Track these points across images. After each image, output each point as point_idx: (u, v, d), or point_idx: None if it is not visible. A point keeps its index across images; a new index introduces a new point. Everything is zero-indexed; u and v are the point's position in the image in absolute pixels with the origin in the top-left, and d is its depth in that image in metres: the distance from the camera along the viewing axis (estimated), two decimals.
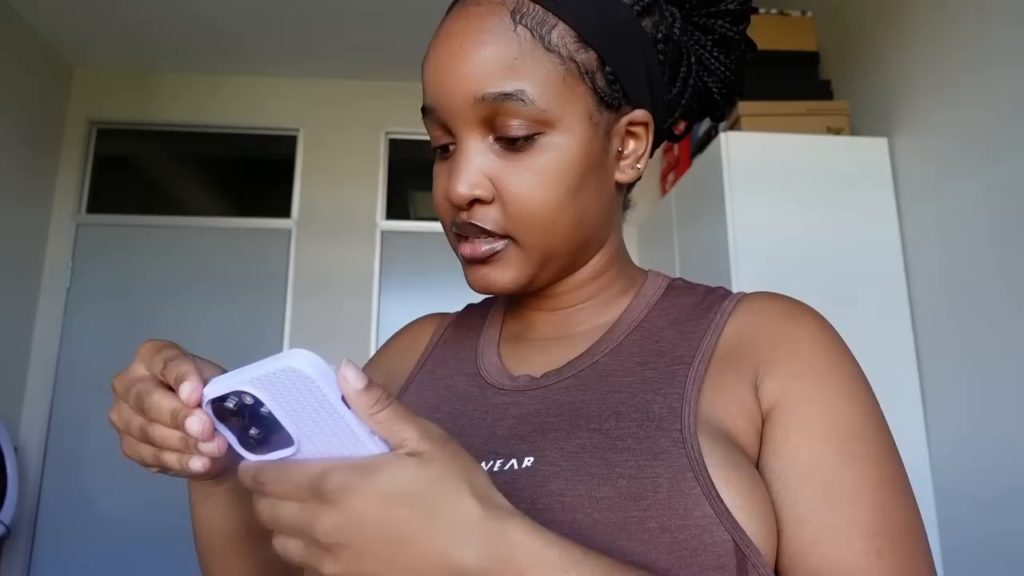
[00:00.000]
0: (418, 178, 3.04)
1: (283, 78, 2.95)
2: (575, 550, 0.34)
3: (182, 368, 0.37)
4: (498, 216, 0.47)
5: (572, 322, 0.55)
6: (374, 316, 2.76)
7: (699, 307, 0.52)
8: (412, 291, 2.83)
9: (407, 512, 0.31)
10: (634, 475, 0.40)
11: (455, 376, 0.56)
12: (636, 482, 0.40)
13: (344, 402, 0.31)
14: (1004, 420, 1.50)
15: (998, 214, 1.53)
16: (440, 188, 0.50)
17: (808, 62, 2.13)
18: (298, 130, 2.93)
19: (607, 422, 0.44)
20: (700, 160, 2.00)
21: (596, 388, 0.48)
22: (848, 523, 0.40)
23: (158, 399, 0.38)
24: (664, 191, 2.52)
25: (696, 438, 0.41)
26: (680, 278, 0.58)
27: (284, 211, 2.88)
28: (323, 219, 2.84)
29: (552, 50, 0.46)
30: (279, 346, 2.71)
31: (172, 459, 0.39)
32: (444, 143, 0.49)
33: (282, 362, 0.30)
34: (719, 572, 0.38)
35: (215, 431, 0.36)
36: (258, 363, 0.31)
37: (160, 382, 0.39)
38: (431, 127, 0.50)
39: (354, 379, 0.31)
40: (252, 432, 0.33)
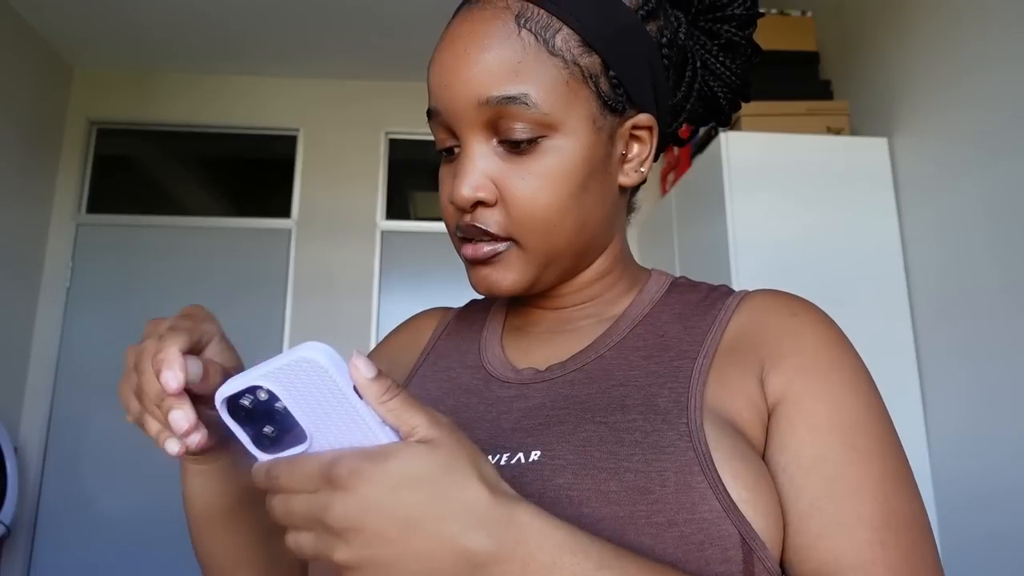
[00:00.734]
0: (418, 178, 3.05)
1: (283, 78, 2.95)
2: (581, 534, 0.34)
3: (169, 352, 0.38)
4: (501, 218, 0.47)
5: (575, 318, 0.55)
6: (374, 316, 2.77)
7: (703, 303, 0.52)
8: (412, 291, 2.83)
9: (418, 496, 0.31)
10: (641, 469, 0.41)
11: (458, 368, 0.57)
12: (643, 476, 0.40)
13: (356, 392, 0.32)
14: (1004, 419, 1.50)
15: (998, 214, 1.53)
16: (445, 191, 0.50)
17: (808, 62, 2.13)
18: (298, 130, 2.93)
19: (613, 415, 0.45)
20: (700, 160, 2.00)
21: (601, 381, 0.48)
22: (853, 516, 0.40)
23: (148, 379, 0.40)
24: (664, 191, 2.52)
25: (702, 431, 0.42)
26: (683, 276, 0.58)
27: (284, 211, 2.88)
28: (323, 219, 2.84)
29: (556, 54, 0.46)
30: (279, 346, 2.71)
31: (153, 430, 0.42)
32: (449, 146, 0.49)
33: (296, 354, 0.31)
34: (726, 565, 0.38)
35: (199, 422, 0.37)
36: (272, 359, 0.32)
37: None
38: (436, 130, 0.50)
39: (365, 368, 0.32)
40: (266, 430, 0.34)
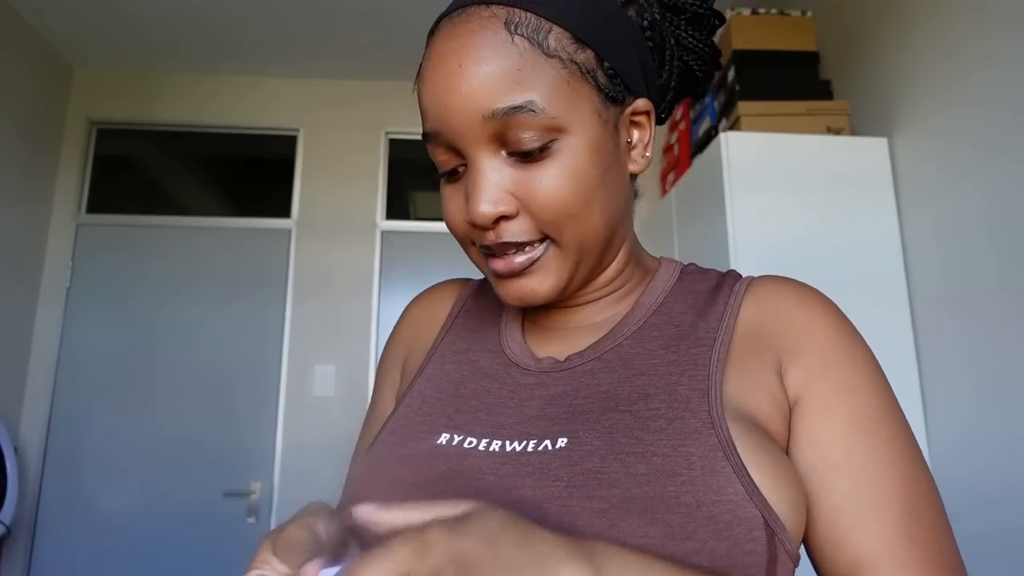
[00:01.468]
0: (418, 178, 3.04)
1: (283, 78, 2.95)
2: (651, 555, 0.36)
3: None
4: (528, 224, 0.47)
5: (590, 311, 0.56)
6: (374, 316, 2.77)
7: (713, 290, 0.54)
8: (412, 291, 2.81)
9: (510, 548, 0.31)
10: (667, 453, 0.42)
11: (478, 352, 0.57)
12: (670, 460, 0.41)
13: None
14: (1004, 419, 1.50)
15: (998, 214, 1.53)
16: (454, 211, 0.49)
17: (808, 62, 2.13)
18: (298, 130, 2.93)
19: (636, 404, 0.45)
20: (700, 160, 2.00)
21: (622, 371, 0.49)
22: (881, 508, 0.43)
23: None
24: (664, 191, 2.52)
25: (723, 419, 0.43)
26: (692, 263, 0.59)
27: (284, 211, 2.88)
28: (323, 219, 2.84)
29: (552, 55, 0.45)
30: (279, 346, 2.71)
31: None
32: (453, 166, 0.48)
33: None
34: (752, 545, 0.40)
35: None
36: None
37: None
38: (436, 152, 0.48)
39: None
40: None
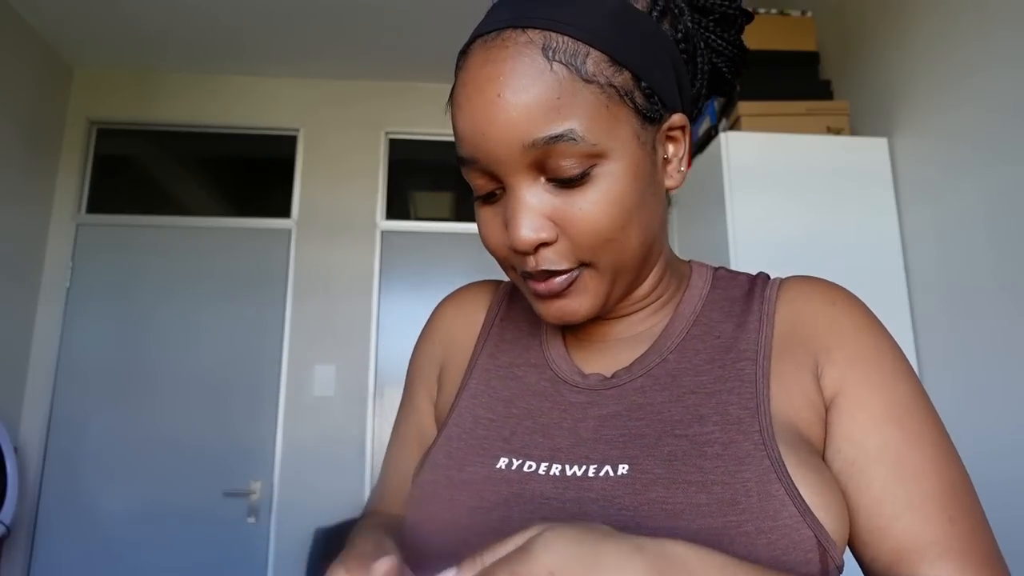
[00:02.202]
0: (418, 178, 3.04)
1: (283, 78, 2.95)
2: (722, 553, 0.36)
3: None
4: (566, 249, 0.47)
5: (630, 323, 0.56)
6: (374, 316, 2.76)
7: (747, 296, 0.54)
8: (412, 291, 2.83)
9: (581, 561, 0.32)
10: (726, 481, 0.43)
11: (523, 367, 0.56)
12: (729, 488, 0.42)
13: None
14: (1004, 419, 1.50)
15: (998, 214, 1.53)
16: (494, 233, 0.49)
17: (808, 62, 2.12)
18: (298, 130, 2.93)
19: (691, 427, 0.46)
20: (700, 160, 2.00)
21: (672, 388, 0.49)
22: (921, 497, 0.44)
23: None
24: None
25: (774, 439, 0.44)
26: (722, 267, 0.59)
27: (284, 211, 2.88)
28: (323, 219, 2.84)
29: (591, 80, 0.44)
30: (279, 346, 2.71)
31: None
32: (490, 190, 0.48)
33: None
34: (807, 567, 0.41)
35: None
36: None
37: None
38: (473, 176, 0.48)
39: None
40: None
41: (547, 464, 0.48)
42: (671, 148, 0.52)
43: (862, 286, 1.81)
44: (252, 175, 3.00)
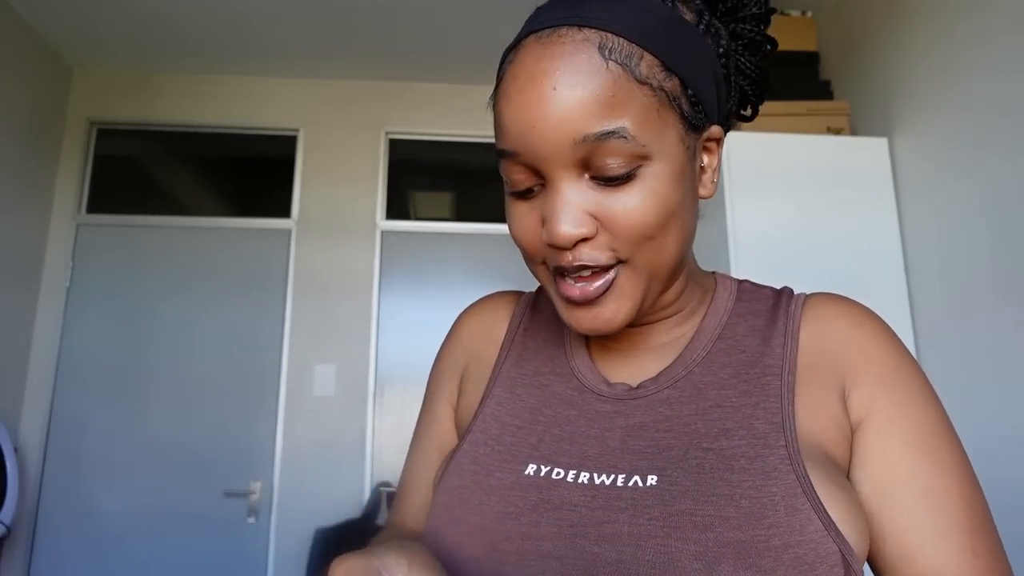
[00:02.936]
0: (418, 178, 3.04)
1: (283, 78, 2.95)
2: None
3: None
4: (605, 244, 0.46)
5: (655, 332, 0.56)
6: (374, 316, 2.76)
7: (772, 311, 0.55)
8: (412, 291, 2.83)
9: None
10: (753, 495, 0.43)
11: (549, 376, 0.56)
12: (756, 502, 0.42)
13: None
14: (1004, 419, 1.50)
15: (998, 214, 1.53)
16: (528, 229, 0.49)
17: (808, 62, 2.13)
18: (298, 130, 2.93)
19: (718, 440, 0.46)
20: None
21: (697, 401, 0.49)
22: (947, 526, 0.44)
23: None
24: None
25: (799, 454, 0.45)
26: (747, 280, 0.60)
27: (284, 211, 2.88)
28: (323, 219, 2.84)
29: (644, 82, 0.45)
30: (279, 346, 2.71)
31: None
32: (529, 186, 0.48)
33: None
34: None
35: None
36: None
37: None
38: (512, 170, 0.48)
39: None
40: None
41: (575, 472, 0.48)
42: (706, 158, 0.52)
43: (862, 286, 1.82)
44: (252, 175, 3.00)
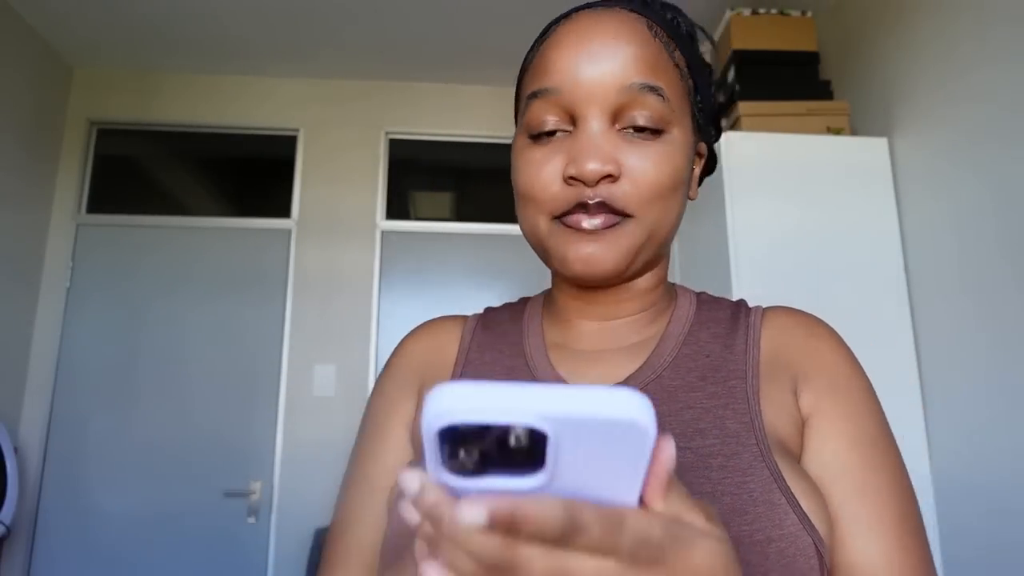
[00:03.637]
0: (418, 178, 3.04)
1: (283, 78, 2.95)
2: None
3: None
4: (625, 192, 0.49)
5: (620, 334, 0.56)
6: (374, 316, 2.76)
7: (732, 320, 0.56)
8: (412, 291, 2.83)
9: None
10: (734, 492, 0.44)
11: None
12: (737, 498, 0.44)
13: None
14: (1005, 420, 1.50)
15: (998, 213, 1.53)
16: (541, 171, 0.50)
17: (808, 62, 2.13)
18: (298, 130, 2.93)
19: (693, 440, 0.47)
20: None
21: (668, 403, 0.50)
22: (877, 520, 0.46)
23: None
24: None
25: (771, 451, 0.46)
26: (704, 292, 0.62)
27: (284, 211, 2.88)
28: (323, 219, 2.84)
29: (678, 65, 0.52)
30: (279, 346, 2.71)
31: None
32: (552, 128, 0.50)
33: (617, 411, 0.23)
34: (812, 573, 0.42)
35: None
36: (548, 390, 0.24)
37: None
38: (544, 109, 0.50)
39: (671, 449, 0.27)
40: (473, 457, 0.24)
41: None
42: (694, 169, 0.57)
43: (862, 286, 1.82)
44: (252, 175, 2.99)
